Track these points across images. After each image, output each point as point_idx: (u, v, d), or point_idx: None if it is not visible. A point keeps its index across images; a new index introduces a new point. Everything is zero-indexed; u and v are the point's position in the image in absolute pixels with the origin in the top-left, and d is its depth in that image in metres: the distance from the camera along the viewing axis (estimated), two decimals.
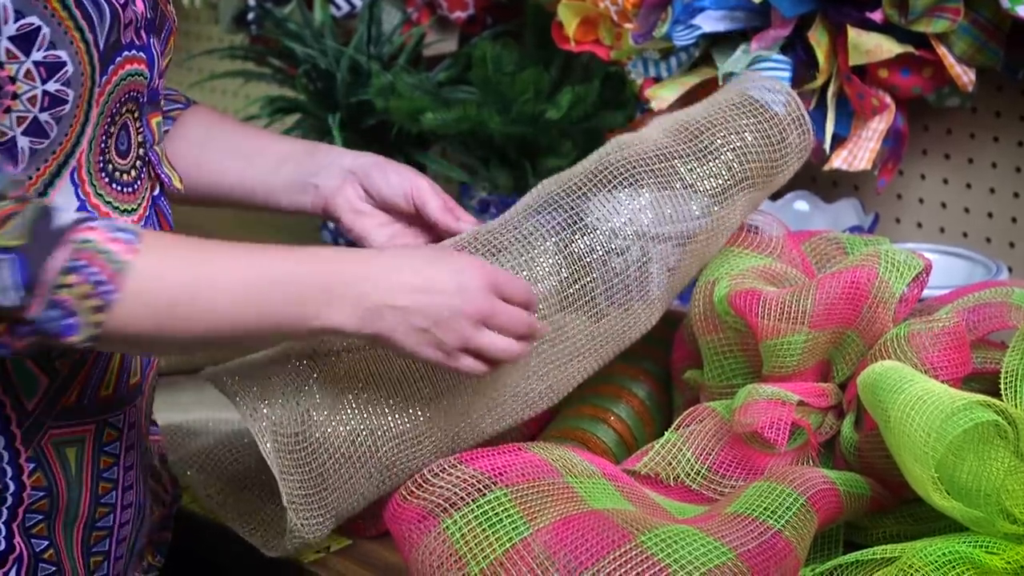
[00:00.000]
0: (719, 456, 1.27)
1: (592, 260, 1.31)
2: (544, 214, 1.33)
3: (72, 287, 1.02)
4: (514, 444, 1.16)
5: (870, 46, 1.60)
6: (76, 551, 1.21)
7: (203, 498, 1.40)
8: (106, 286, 1.03)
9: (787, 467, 1.22)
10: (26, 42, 1.08)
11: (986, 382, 1.25)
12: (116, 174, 1.18)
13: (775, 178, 1.41)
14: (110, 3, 1.13)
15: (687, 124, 1.38)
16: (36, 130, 1.10)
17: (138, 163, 1.21)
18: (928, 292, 1.37)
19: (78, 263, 1.02)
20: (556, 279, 1.30)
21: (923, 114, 1.80)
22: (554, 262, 1.31)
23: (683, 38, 1.70)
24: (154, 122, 1.24)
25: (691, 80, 1.74)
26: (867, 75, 1.65)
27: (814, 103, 1.68)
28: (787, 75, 1.67)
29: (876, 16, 1.59)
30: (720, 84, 1.70)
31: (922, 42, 1.61)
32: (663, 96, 1.75)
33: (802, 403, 1.27)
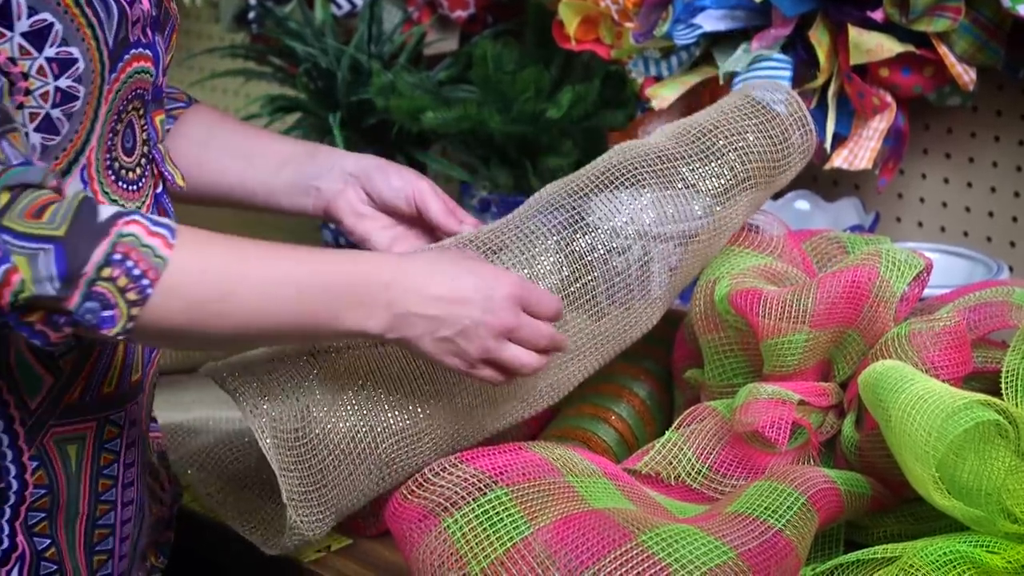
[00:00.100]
0: (720, 455, 1.27)
1: (593, 259, 1.31)
2: (545, 213, 1.33)
3: (111, 280, 1.02)
4: (515, 443, 1.16)
5: (871, 45, 1.60)
6: (78, 550, 1.21)
7: (203, 497, 1.40)
8: (143, 280, 1.03)
9: (788, 466, 1.22)
10: (39, 38, 1.08)
11: (987, 381, 1.25)
12: (122, 172, 1.19)
13: (778, 178, 1.41)
14: (117, 1, 1.13)
15: (689, 127, 1.39)
16: (48, 126, 1.10)
17: (143, 160, 1.22)
18: (929, 291, 1.37)
19: (118, 256, 1.02)
20: (557, 277, 1.30)
21: (924, 113, 1.80)
22: (555, 260, 1.31)
23: (684, 37, 1.70)
24: (158, 120, 1.24)
25: (692, 79, 1.74)
26: (868, 74, 1.65)
27: (815, 102, 1.68)
28: (788, 74, 1.67)
29: (877, 15, 1.59)
30: (721, 83, 1.70)
31: (923, 41, 1.60)
32: (664, 95, 1.74)
33: (803, 402, 1.27)
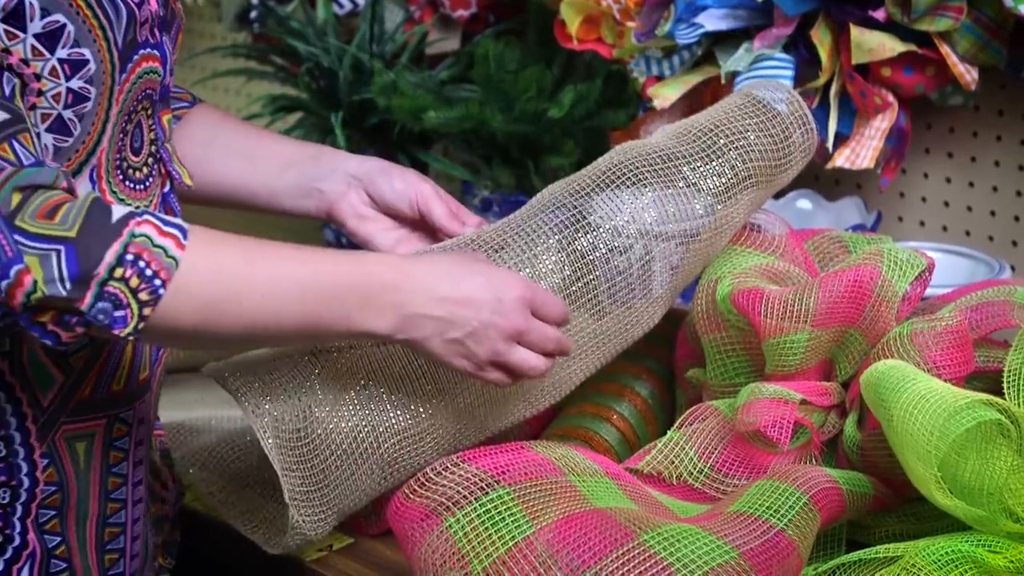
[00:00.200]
0: (722, 455, 1.27)
1: (595, 258, 1.31)
2: (547, 213, 1.33)
3: (124, 280, 1.02)
4: (516, 443, 1.16)
5: (873, 45, 1.60)
6: (89, 548, 1.21)
7: (205, 496, 1.40)
8: (156, 280, 1.03)
9: (790, 466, 1.22)
10: (51, 40, 1.08)
11: (989, 381, 1.25)
12: (130, 171, 1.19)
13: (779, 177, 1.41)
14: (126, 2, 1.13)
15: (690, 127, 1.39)
16: (60, 127, 1.11)
17: (150, 160, 1.22)
18: (931, 291, 1.37)
19: (130, 256, 1.02)
20: (559, 276, 1.30)
21: (926, 112, 1.80)
22: (557, 259, 1.31)
23: (686, 36, 1.70)
24: (165, 119, 1.24)
25: (694, 79, 1.74)
26: (870, 74, 1.65)
27: (817, 102, 1.68)
28: (790, 74, 1.67)
29: (879, 14, 1.59)
30: (723, 83, 1.70)
31: (925, 41, 1.60)
32: (665, 95, 1.74)
33: (805, 402, 1.27)
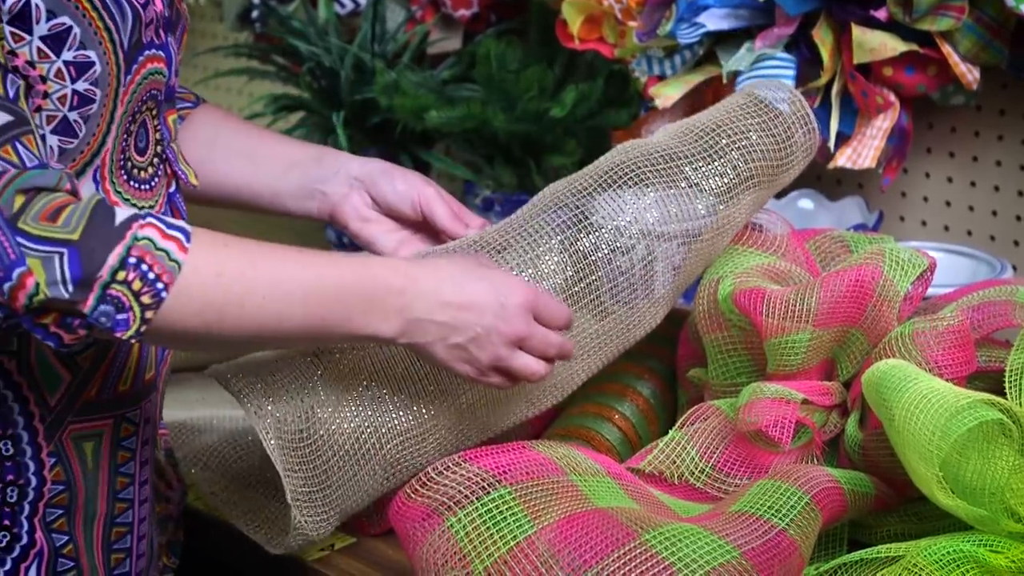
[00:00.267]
0: (723, 454, 1.27)
1: (597, 258, 1.31)
2: (549, 213, 1.33)
3: (126, 283, 1.02)
4: (518, 442, 1.16)
5: (874, 44, 1.60)
6: (96, 548, 1.22)
7: (207, 496, 1.40)
8: (158, 283, 1.03)
9: (791, 465, 1.22)
10: (57, 42, 1.08)
11: (990, 380, 1.25)
12: (134, 171, 1.19)
13: (780, 177, 1.41)
14: (131, 4, 1.13)
15: (692, 126, 1.39)
16: (65, 129, 1.11)
17: (155, 160, 1.22)
18: (932, 290, 1.37)
19: (133, 259, 1.03)
20: (561, 277, 1.30)
21: (927, 112, 1.80)
22: (559, 260, 1.31)
23: (687, 36, 1.70)
24: (170, 119, 1.24)
25: (695, 78, 1.74)
26: (871, 73, 1.65)
27: (818, 101, 1.68)
28: (791, 73, 1.67)
29: (880, 14, 1.59)
30: (724, 82, 1.70)
31: (927, 40, 1.60)
32: (667, 94, 1.74)
33: (806, 401, 1.27)
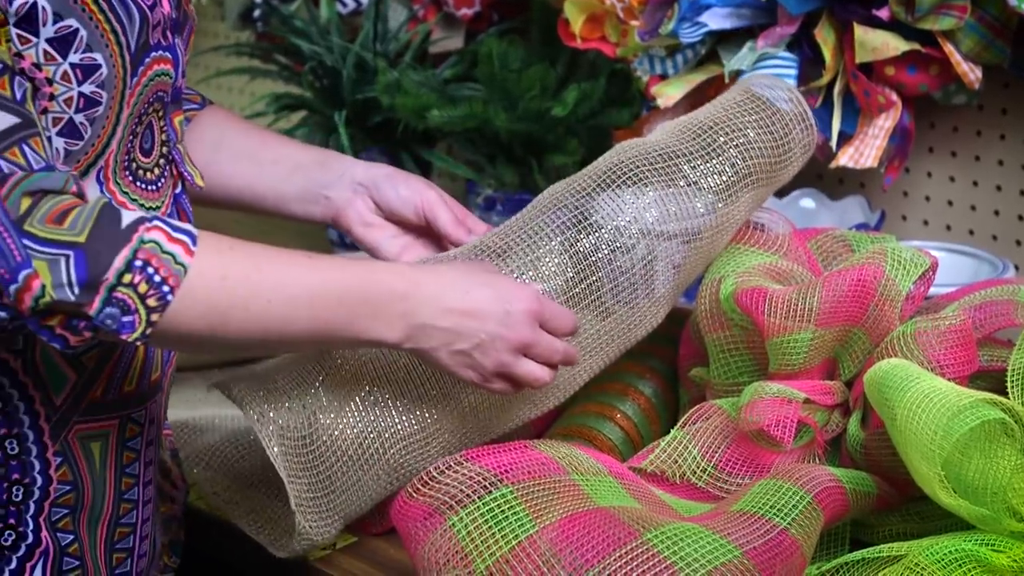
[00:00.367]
0: (725, 454, 1.27)
1: (598, 259, 1.31)
2: (549, 214, 1.33)
3: (132, 286, 1.03)
4: (520, 442, 1.16)
5: (877, 43, 1.59)
6: (99, 548, 1.22)
7: (209, 496, 1.40)
8: (164, 286, 1.04)
9: (793, 465, 1.22)
10: (64, 44, 1.08)
11: (992, 380, 1.25)
12: (140, 172, 1.19)
13: (779, 175, 1.41)
14: (138, 6, 1.13)
15: (690, 124, 1.39)
16: (71, 131, 1.11)
17: (161, 161, 1.22)
18: (934, 290, 1.37)
19: (139, 262, 1.03)
20: (562, 278, 1.30)
21: (929, 112, 1.80)
22: (560, 261, 1.31)
23: (689, 35, 1.70)
24: (177, 121, 1.24)
25: (697, 77, 1.74)
26: (873, 72, 1.65)
27: (820, 101, 1.68)
28: (793, 73, 1.67)
29: (883, 13, 1.59)
30: (726, 81, 1.70)
31: (929, 40, 1.60)
32: (669, 93, 1.74)
33: (808, 401, 1.27)
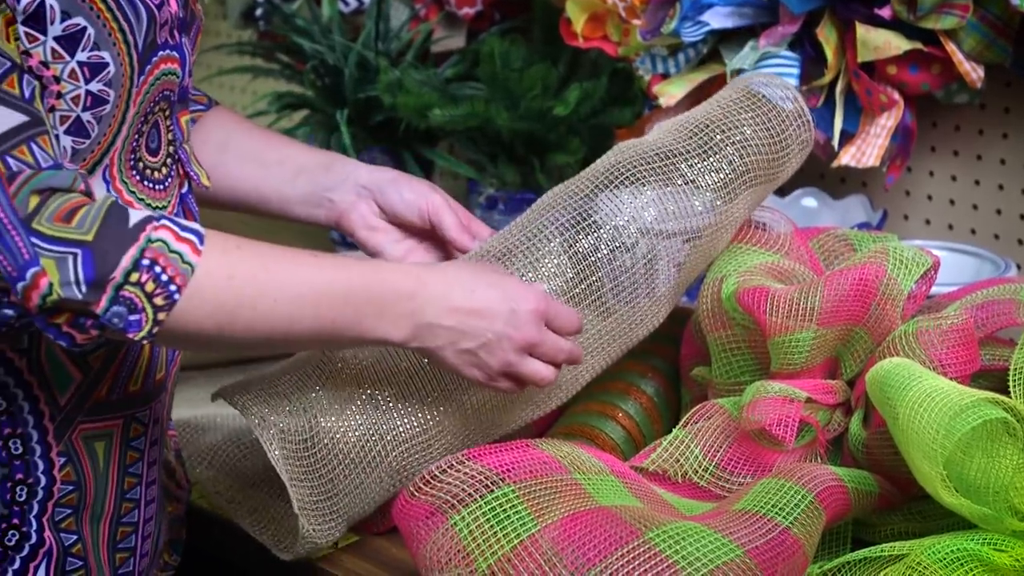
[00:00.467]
0: (727, 453, 1.27)
1: (598, 258, 1.31)
2: (549, 216, 1.33)
3: (139, 285, 1.03)
4: (522, 440, 1.16)
5: (879, 43, 1.59)
6: (102, 547, 1.22)
7: (212, 495, 1.40)
8: (171, 285, 1.04)
9: (795, 464, 1.22)
10: (72, 42, 1.08)
11: (994, 379, 1.25)
12: (146, 171, 1.19)
13: (778, 172, 1.41)
14: (146, 5, 1.13)
15: (686, 123, 1.39)
16: (78, 129, 1.11)
17: (168, 160, 1.22)
18: (936, 289, 1.37)
19: (146, 261, 1.03)
20: (563, 279, 1.30)
21: (931, 111, 1.80)
22: (560, 262, 1.31)
23: (691, 34, 1.70)
24: (183, 120, 1.24)
25: (699, 76, 1.74)
26: (875, 72, 1.64)
27: (822, 100, 1.68)
28: (795, 72, 1.67)
29: (885, 12, 1.59)
30: (728, 81, 1.70)
31: (931, 39, 1.60)
32: (671, 92, 1.74)
33: (810, 400, 1.27)
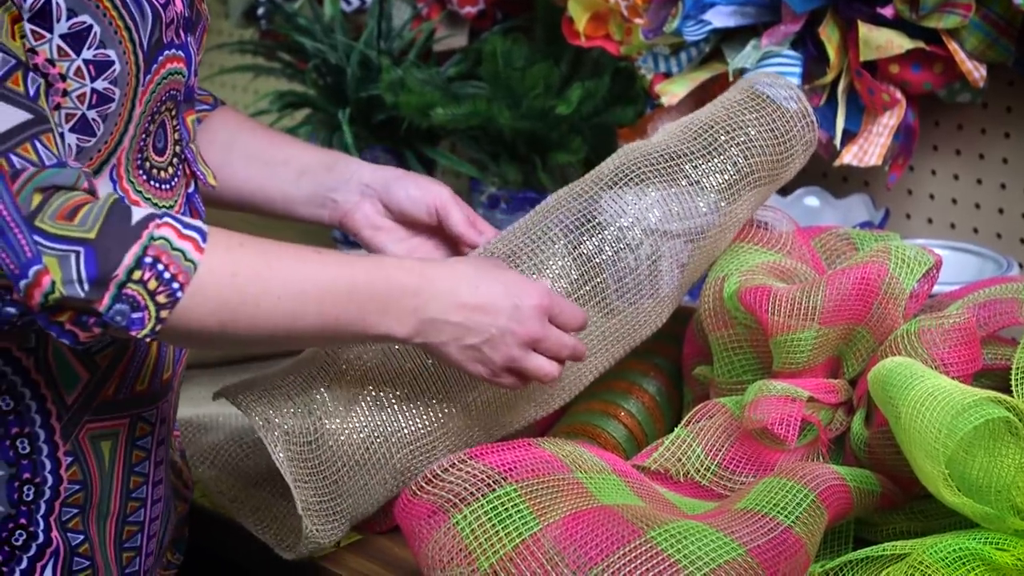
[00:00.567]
0: (729, 452, 1.27)
1: (602, 259, 1.31)
2: (553, 217, 1.33)
3: (142, 282, 1.03)
4: (524, 440, 1.16)
5: (881, 42, 1.59)
6: (109, 546, 1.22)
7: (215, 495, 1.40)
8: (174, 283, 1.04)
9: (797, 463, 1.22)
10: (77, 40, 1.08)
11: (997, 378, 1.25)
12: (153, 171, 1.19)
13: (781, 172, 1.41)
14: (151, 3, 1.13)
15: (691, 124, 1.39)
16: (84, 128, 1.11)
17: (174, 160, 1.22)
18: (938, 288, 1.37)
19: (149, 259, 1.03)
20: (567, 279, 1.31)
21: (934, 110, 1.79)
22: (564, 263, 1.31)
23: (693, 33, 1.70)
24: (189, 120, 1.24)
25: (701, 75, 1.74)
26: (878, 71, 1.65)
27: (824, 99, 1.68)
28: (797, 71, 1.67)
29: (887, 11, 1.59)
30: (731, 80, 1.70)
31: (933, 38, 1.60)
32: (673, 91, 1.74)
33: (812, 399, 1.27)
